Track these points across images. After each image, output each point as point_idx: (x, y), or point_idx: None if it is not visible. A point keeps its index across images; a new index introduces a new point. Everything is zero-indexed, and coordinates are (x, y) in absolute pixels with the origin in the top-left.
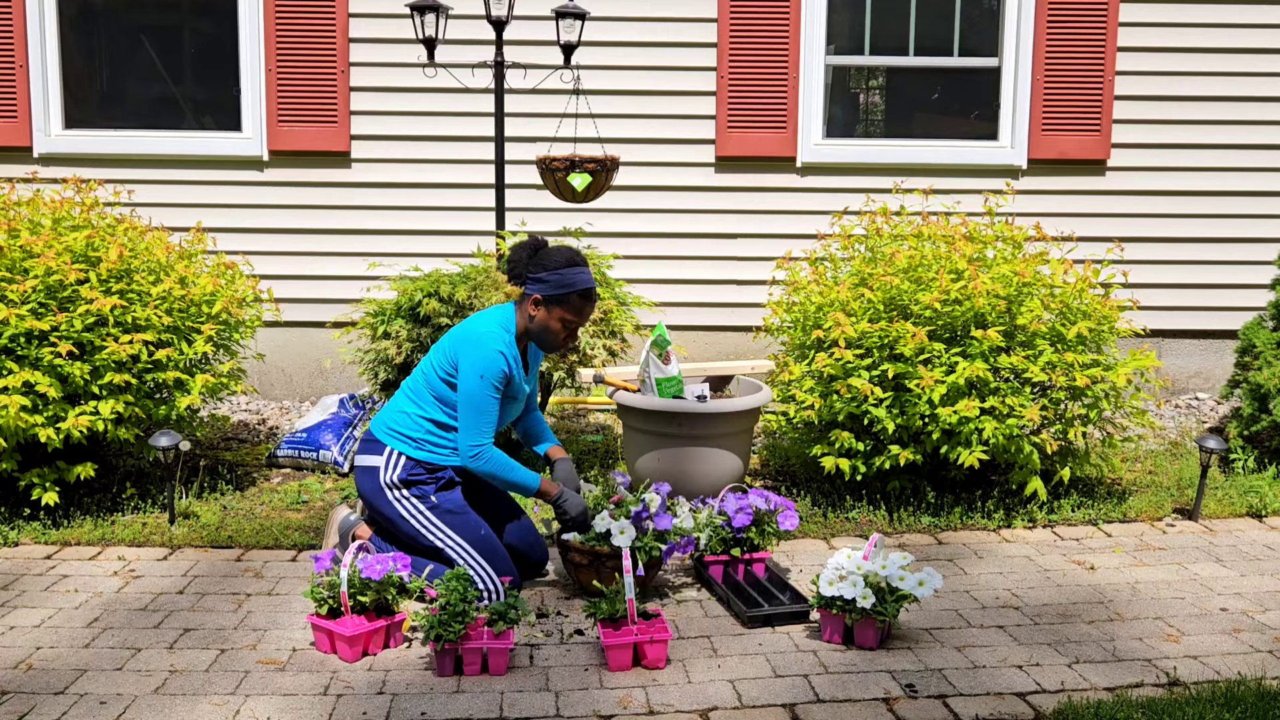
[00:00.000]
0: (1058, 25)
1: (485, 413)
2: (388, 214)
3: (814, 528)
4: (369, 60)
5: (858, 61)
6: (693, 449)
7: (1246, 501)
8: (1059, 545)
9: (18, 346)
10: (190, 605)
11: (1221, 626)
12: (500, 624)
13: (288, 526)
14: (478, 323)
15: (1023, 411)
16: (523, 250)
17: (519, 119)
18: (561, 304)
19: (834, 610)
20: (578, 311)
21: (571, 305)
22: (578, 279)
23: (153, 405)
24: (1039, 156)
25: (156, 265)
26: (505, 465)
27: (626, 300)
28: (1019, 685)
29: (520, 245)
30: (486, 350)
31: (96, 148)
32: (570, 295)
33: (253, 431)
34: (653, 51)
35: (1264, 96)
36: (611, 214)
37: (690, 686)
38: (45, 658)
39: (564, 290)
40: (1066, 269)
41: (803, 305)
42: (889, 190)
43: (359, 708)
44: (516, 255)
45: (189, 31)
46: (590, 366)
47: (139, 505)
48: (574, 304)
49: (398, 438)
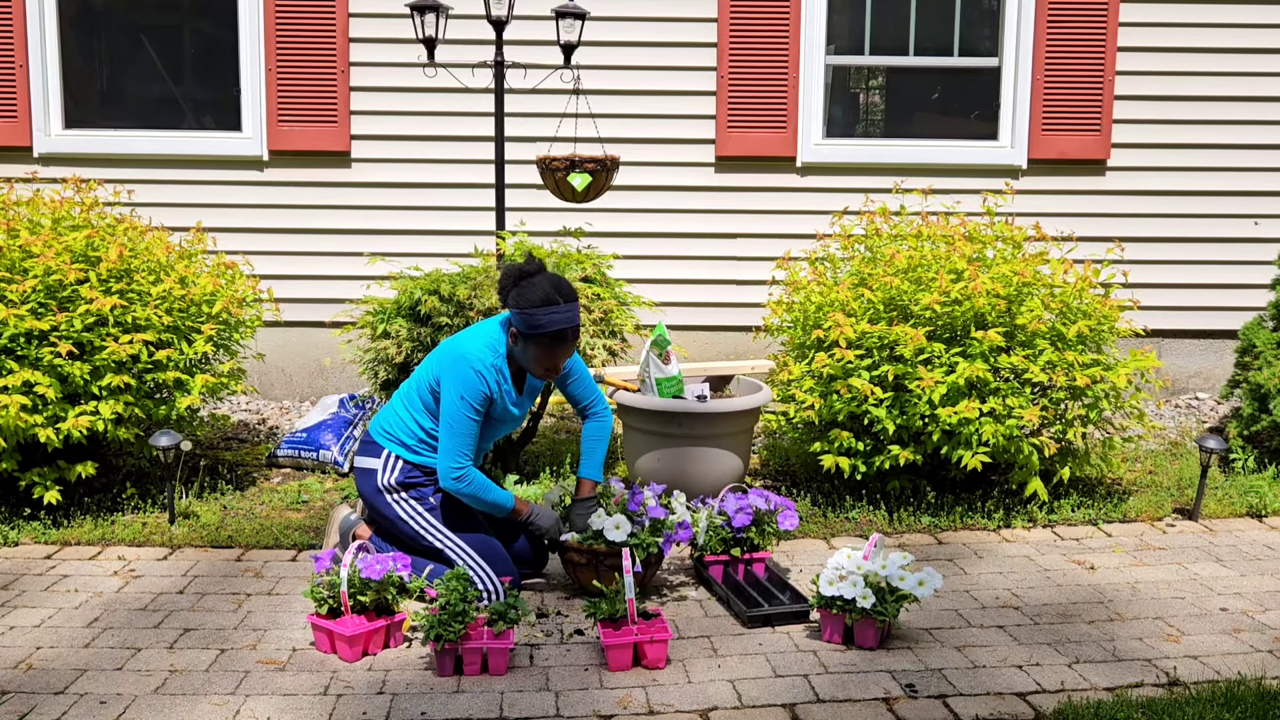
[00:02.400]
0: (1058, 25)
1: (464, 435)
2: (388, 214)
3: (814, 528)
4: (369, 60)
5: (858, 61)
6: (693, 449)
7: (1246, 501)
8: (1059, 545)
9: (17, 346)
10: (190, 605)
11: (1221, 626)
12: (500, 624)
13: (288, 526)
14: (467, 339)
15: (1022, 413)
16: (509, 277)
17: (519, 119)
18: (535, 344)
19: (834, 610)
20: (549, 353)
21: (542, 346)
22: (548, 322)
23: (153, 405)
24: (1039, 156)
25: (156, 265)
26: (484, 487)
27: (626, 300)
28: (1019, 685)
29: (509, 270)
30: (468, 371)
31: (96, 148)
32: (541, 336)
33: (253, 431)
34: (653, 51)
35: (1264, 96)
36: (611, 214)
37: (690, 686)
38: (45, 657)
39: (534, 331)
40: (1066, 269)
41: (802, 305)
42: (889, 190)
43: (359, 708)
44: (503, 281)
45: (189, 31)
46: (590, 366)
47: (139, 505)
48: (545, 345)
49: (394, 441)
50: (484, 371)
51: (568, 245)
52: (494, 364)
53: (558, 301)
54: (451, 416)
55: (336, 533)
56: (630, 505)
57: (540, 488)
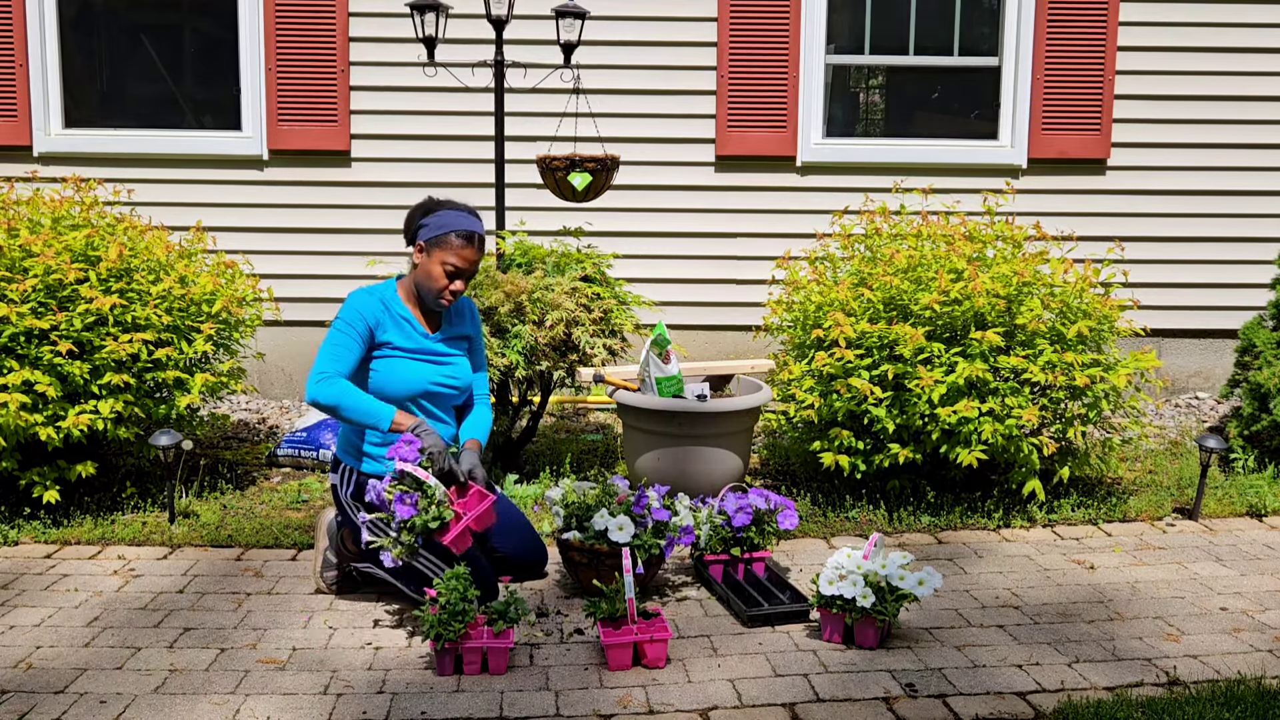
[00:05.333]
0: (1058, 25)
1: (331, 345)
2: (388, 213)
3: (814, 527)
4: (369, 59)
5: (858, 61)
6: (693, 448)
7: (1246, 501)
8: (1059, 545)
9: (18, 345)
10: (190, 604)
11: (1221, 626)
12: (500, 623)
13: (288, 525)
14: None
15: (1021, 412)
16: (416, 207)
17: (519, 118)
18: (440, 246)
19: (834, 610)
20: (457, 254)
21: (450, 246)
22: (459, 220)
23: (153, 404)
24: (1039, 156)
25: (156, 264)
26: (351, 394)
27: (626, 299)
28: (1019, 685)
29: (416, 205)
30: (346, 301)
31: (96, 147)
32: (449, 235)
33: (253, 431)
34: (653, 51)
35: (1264, 96)
36: (611, 213)
37: (690, 686)
38: (45, 657)
39: (443, 231)
40: (1066, 268)
41: (802, 305)
42: (889, 190)
43: (359, 707)
44: (410, 212)
45: (189, 31)
46: (590, 366)
47: (139, 504)
48: (452, 245)
49: (345, 452)
50: (360, 295)
51: (568, 245)
52: (377, 290)
53: (466, 211)
54: (326, 339)
55: (325, 535)
56: (635, 508)
57: (540, 487)
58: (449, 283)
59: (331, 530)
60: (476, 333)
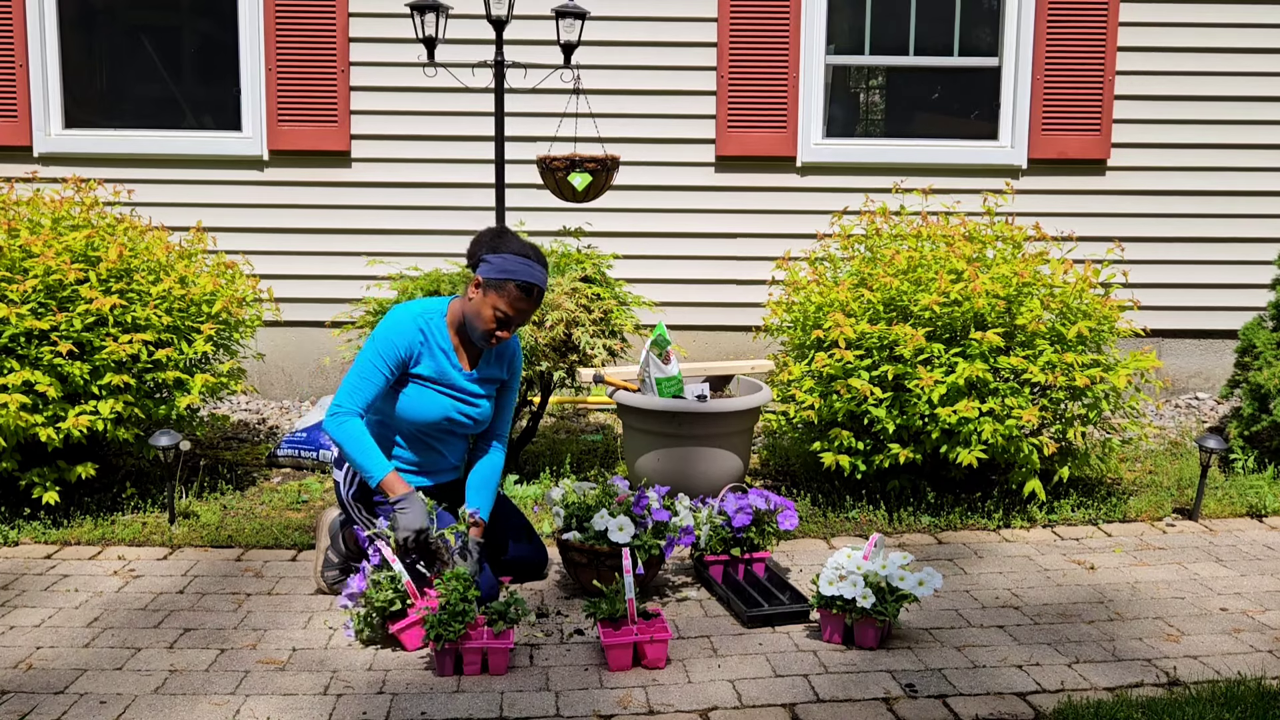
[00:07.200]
0: (1058, 25)
1: (359, 378)
2: (387, 214)
3: (814, 527)
4: (369, 60)
5: (858, 61)
6: (693, 449)
7: (1246, 501)
8: (1059, 545)
9: (18, 346)
10: (190, 605)
11: (1221, 626)
12: (500, 624)
13: (288, 526)
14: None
15: (1021, 413)
16: (486, 233)
17: (519, 119)
18: (498, 290)
19: (834, 610)
20: (511, 304)
21: (507, 294)
22: (521, 270)
23: (153, 405)
24: (1039, 156)
25: (156, 265)
26: (356, 441)
27: (626, 300)
28: (1019, 685)
29: (486, 229)
30: (388, 320)
31: (96, 147)
32: (508, 283)
33: (253, 431)
34: (653, 51)
35: (1264, 96)
36: (611, 214)
37: (690, 686)
38: (45, 657)
39: (504, 276)
40: (1066, 269)
41: (802, 305)
42: (889, 190)
43: (359, 707)
44: (479, 237)
45: (189, 31)
46: (590, 366)
47: (139, 505)
48: (510, 294)
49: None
50: (404, 319)
51: (568, 245)
52: (422, 314)
53: (534, 258)
54: (357, 361)
55: (326, 534)
56: (635, 508)
57: (540, 487)
58: (497, 328)
59: (334, 529)
60: (514, 378)
